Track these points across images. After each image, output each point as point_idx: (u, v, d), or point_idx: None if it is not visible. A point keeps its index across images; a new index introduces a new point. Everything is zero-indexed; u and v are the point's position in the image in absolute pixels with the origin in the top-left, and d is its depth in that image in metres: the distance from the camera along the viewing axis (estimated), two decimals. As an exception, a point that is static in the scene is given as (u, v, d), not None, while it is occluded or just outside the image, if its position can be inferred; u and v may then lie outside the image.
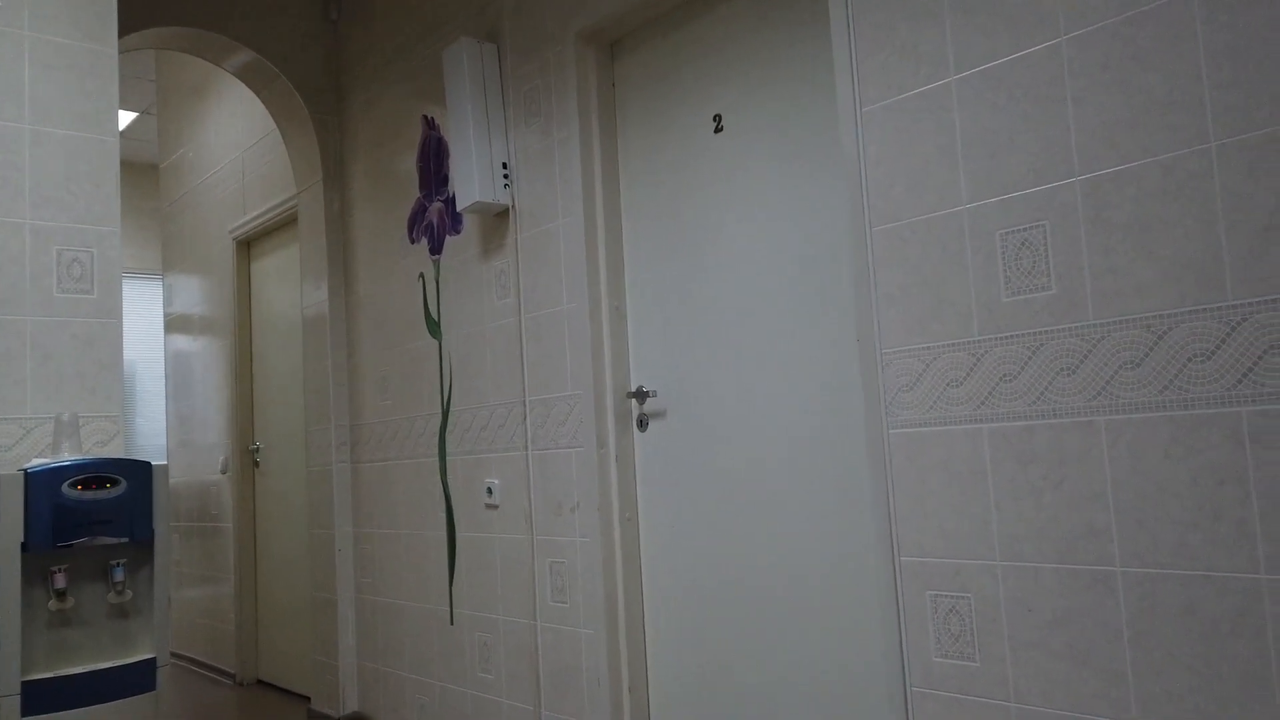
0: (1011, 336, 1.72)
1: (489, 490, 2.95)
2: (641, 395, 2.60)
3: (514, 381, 2.86)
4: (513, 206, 2.88)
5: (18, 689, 2.00)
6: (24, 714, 2.00)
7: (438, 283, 3.21)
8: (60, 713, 2.04)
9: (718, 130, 2.43)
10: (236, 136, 4.57)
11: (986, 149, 1.76)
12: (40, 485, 2.05)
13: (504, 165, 2.88)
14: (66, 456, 2.20)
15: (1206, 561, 1.49)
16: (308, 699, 3.97)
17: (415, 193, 3.32)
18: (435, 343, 3.21)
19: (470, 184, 2.82)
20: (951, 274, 1.80)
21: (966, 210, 1.79)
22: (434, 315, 3.22)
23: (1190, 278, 1.52)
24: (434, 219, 3.23)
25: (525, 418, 2.82)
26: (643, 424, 2.61)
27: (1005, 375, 1.73)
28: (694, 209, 2.49)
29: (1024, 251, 1.71)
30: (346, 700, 3.54)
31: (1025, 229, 1.71)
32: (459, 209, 2.88)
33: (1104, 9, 1.61)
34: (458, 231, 3.12)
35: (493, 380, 2.95)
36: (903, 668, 1.86)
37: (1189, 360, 1.51)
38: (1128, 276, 1.58)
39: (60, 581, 2.10)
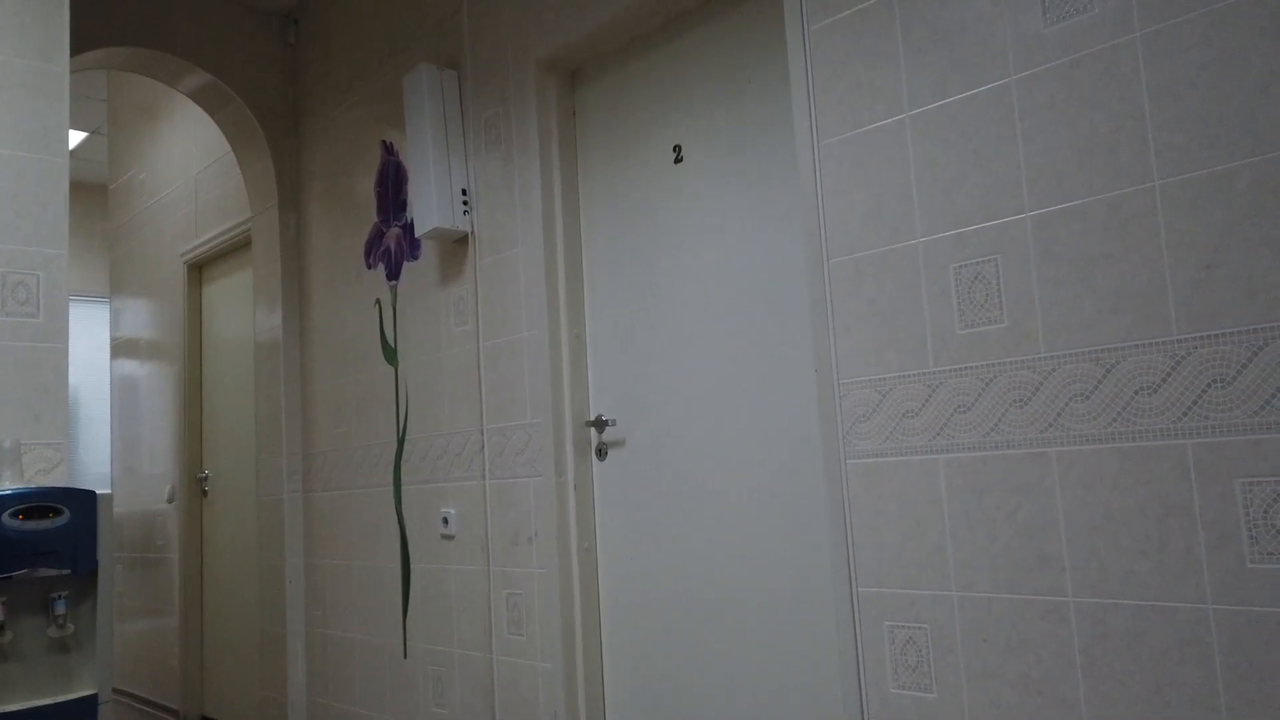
0: (966, 368, 1.75)
1: (445, 520, 2.91)
2: (600, 424, 2.59)
3: (472, 409, 2.84)
4: (472, 233, 2.87)
5: (-52, 729, 1.93)
6: (-45, 755, 1.93)
7: (395, 309, 3.18)
8: (-7, 753, 1.96)
9: (678, 160, 2.45)
10: (189, 158, 4.51)
11: (940, 184, 1.80)
12: (-22, 516, 1.98)
13: (464, 191, 2.88)
14: (8, 485, 2.13)
15: (1155, 590, 1.52)
16: (254, 734, 3.87)
17: (373, 218, 3.29)
18: (391, 369, 3.18)
19: (429, 209, 2.81)
20: (907, 306, 1.83)
21: (921, 243, 1.82)
22: (390, 342, 3.19)
23: (1136, 312, 1.56)
24: (392, 244, 3.20)
25: (483, 446, 2.80)
26: (601, 453, 2.60)
27: (960, 406, 1.75)
28: (654, 237, 2.50)
29: (977, 285, 1.74)
30: (295, 735, 3.45)
31: (978, 262, 1.74)
32: (417, 234, 2.87)
33: (1050, 51, 1.66)
34: (416, 257, 3.10)
35: (450, 408, 2.93)
36: (861, 699, 1.86)
37: (1136, 393, 1.55)
38: (1076, 310, 1.62)
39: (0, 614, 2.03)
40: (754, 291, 2.26)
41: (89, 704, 2.11)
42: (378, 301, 3.25)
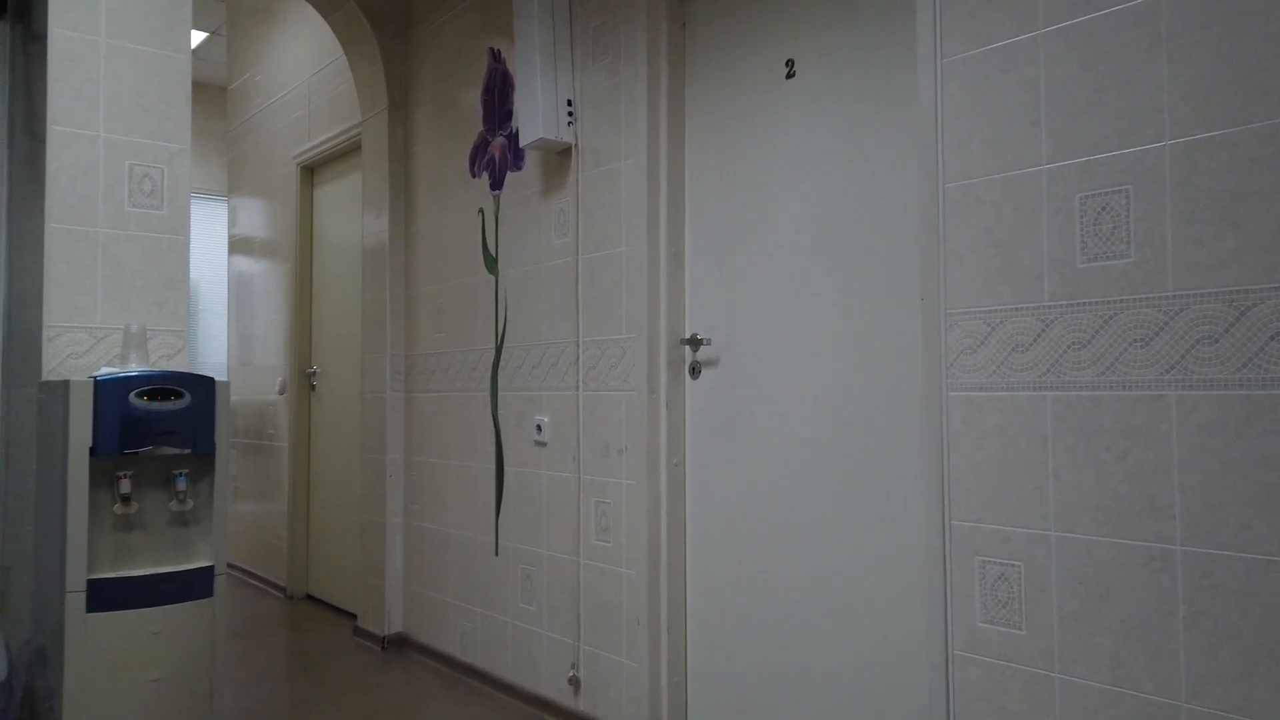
0: (1084, 304, 1.67)
1: (538, 427, 2.98)
2: (695, 342, 2.58)
3: (568, 321, 2.87)
4: (575, 145, 2.86)
5: (84, 586, 2.09)
6: (89, 610, 2.09)
7: (497, 219, 3.20)
8: (123, 611, 2.13)
9: (789, 76, 2.37)
10: (304, 61, 4.58)
11: (1071, 108, 1.69)
12: (109, 394, 2.11)
13: (569, 103, 2.85)
14: (134, 367, 2.26)
15: (1273, 546, 1.45)
16: (354, 616, 4.10)
17: (478, 126, 3.30)
18: (492, 278, 3.22)
19: (534, 120, 2.80)
20: (1025, 236, 1.75)
21: (1046, 170, 1.73)
22: (492, 251, 3.23)
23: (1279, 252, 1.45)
24: (496, 154, 3.21)
25: (578, 358, 2.83)
26: (695, 371, 2.60)
27: (1075, 343, 1.68)
28: (760, 155, 2.44)
29: (1104, 216, 1.65)
30: (391, 621, 3.65)
31: (1107, 192, 1.64)
32: (521, 145, 2.86)
33: (1213, -37, 1.53)
34: (519, 168, 3.10)
35: (547, 319, 2.96)
36: (946, 629, 1.85)
37: (1271, 339, 1.46)
38: (1213, 248, 1.52)
39: (125, 487, 2.17)
40: (861, 215, 2.19)
41: (206, 574, 2.26)
42: (480, 210, 3.28)
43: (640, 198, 2.62)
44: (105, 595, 2.12)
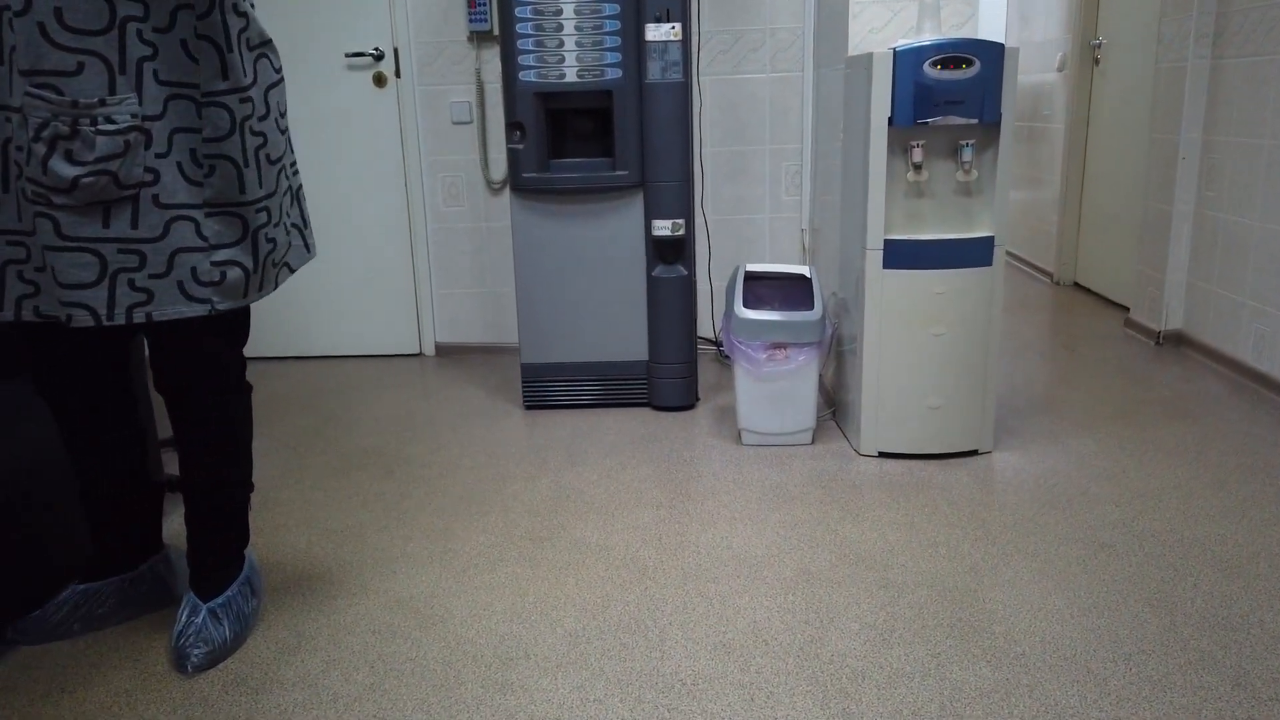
0: None
1: None
2: None
3: None
4: None
5: (881, 245, 2.35)
6: (884, 266, 2.35)
7: None
8: (912, 270, 2.34)
9: None
10: None
11: None
12: (905, 64, 2.21)
13: None
14: (928, 37, 2.31)
15: None
16: (1126, 309, 3.91)
17: None
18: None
19: None
20: None
21: None
22: None
23: None
24: None
25: None
26: None
27: None
28: None
29: None
30: (1169, 316, 3.39)
31: None
32: None
33: None
34: None
35: None
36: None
37: None
38: None
39: (917, 156, 2.31)
40: None
41: (987, 244, 2.34)
42: None
43: None
44: (898, 255, 2.35)
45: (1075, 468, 2.36)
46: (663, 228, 2.75)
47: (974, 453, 2.47)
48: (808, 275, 2.61)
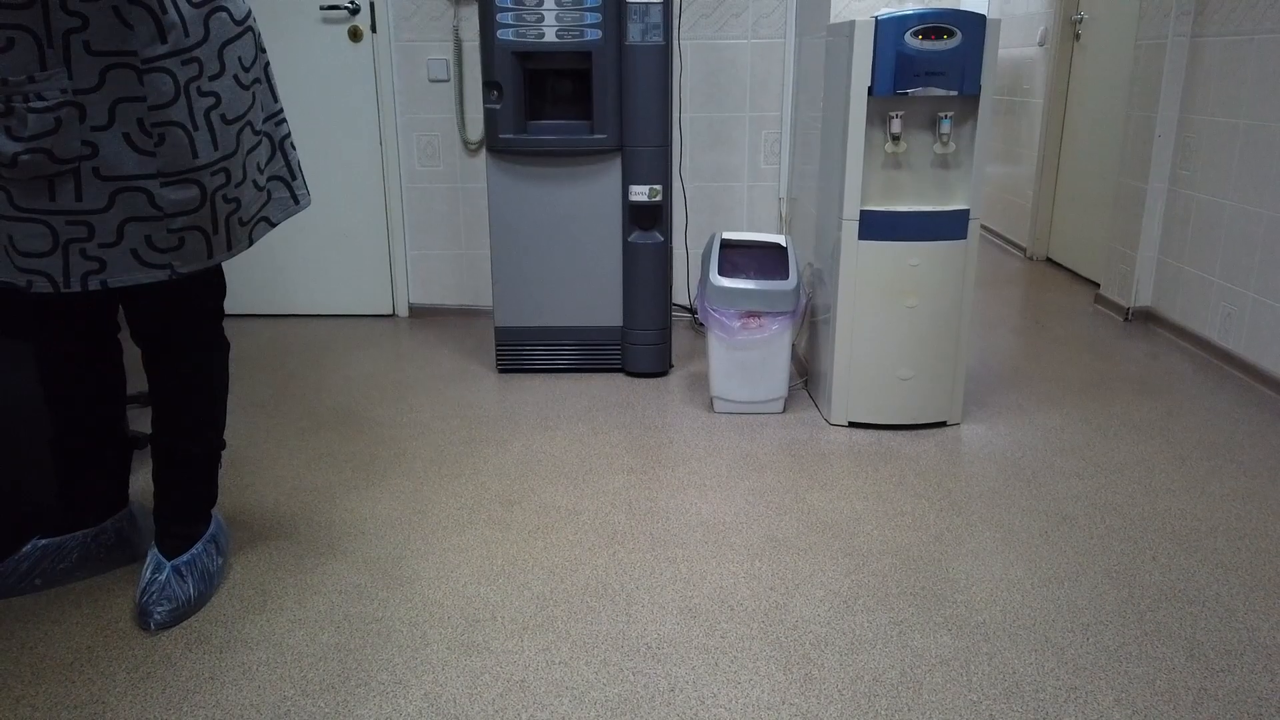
0: None
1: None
2: None
3: None
4: None
5: (857, 215, 2.34)
6: (860, 237, 2.35)
7: None
8: (888, 241, 2.34)
9: None
10: None
11: None
12: (887, 33, 2.19)
13: None
14: (910, 6, 2.29)
15: None
16: (1096, 285, 3.95)
17: None
18: None
19: None
20: None
21: None
22: None
23: None
24: None
25: None
26: None
27: None
28: None
29: None
30: (1139, 293, 3.42)
31: None
32: None
33: None
34: None
35: None
36: None
37: None
38: None
39: (896, 126, 2.30)
40: None
41: (961, 217, 2.34)
42: None
43: None
44: (874, 226, 2.34)
45: (1041, 441, 2.39)
46: (640, 193, 2.73)
47: (942, 424, 2.49)
48: (784, 245, 2.61)
